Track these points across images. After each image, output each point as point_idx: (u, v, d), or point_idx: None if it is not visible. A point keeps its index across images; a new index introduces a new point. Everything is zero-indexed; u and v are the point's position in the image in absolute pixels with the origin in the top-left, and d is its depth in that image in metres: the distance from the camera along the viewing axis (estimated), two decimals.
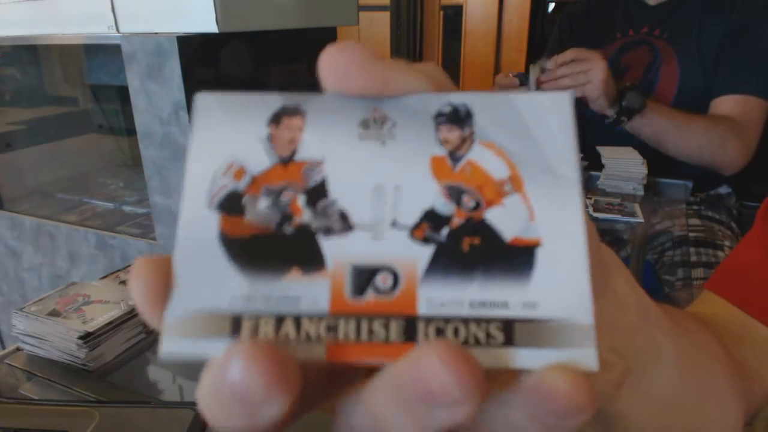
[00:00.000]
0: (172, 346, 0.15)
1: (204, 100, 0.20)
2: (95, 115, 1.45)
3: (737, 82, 1.15)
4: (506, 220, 0.16)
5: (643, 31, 1.27)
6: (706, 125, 1.13)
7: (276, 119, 0.19)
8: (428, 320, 0.15)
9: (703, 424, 0.29)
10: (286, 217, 0.16)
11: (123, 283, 0.72)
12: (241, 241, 0.16)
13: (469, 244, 0.16)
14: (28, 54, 1.42)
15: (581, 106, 1.36)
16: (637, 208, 1.06)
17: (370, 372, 0.15)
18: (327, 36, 1.22)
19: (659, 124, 1.14)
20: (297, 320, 0.15)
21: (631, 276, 0.23)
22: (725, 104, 1.16)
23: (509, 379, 0.15)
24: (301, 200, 0.16)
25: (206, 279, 0.16)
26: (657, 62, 1.24)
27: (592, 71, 1.09)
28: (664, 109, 1.13)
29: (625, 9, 1.31)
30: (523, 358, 0.14)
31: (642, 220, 1.01)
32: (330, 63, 0.20)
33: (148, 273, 0.16)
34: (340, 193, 0.16)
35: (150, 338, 0.68)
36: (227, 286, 0.15)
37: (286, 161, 0.17)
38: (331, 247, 0.16)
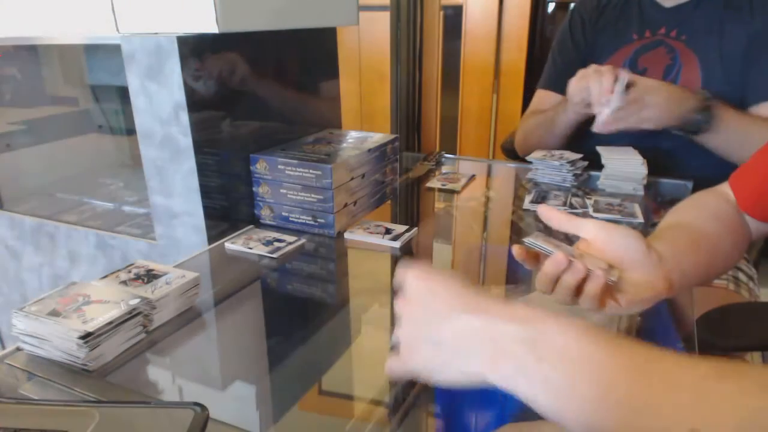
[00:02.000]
0: None
1: None
2: (95, 115, 1.45)
3: None
4: None
5: (661, 32, 1.26)
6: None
7: None
8: None
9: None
10: None
11: (123, 283, 0.72)
12: None
13: None
14: (28, 54, 1.42)
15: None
16: (637, 208, 1.05)
17: None
18: (327, 36, 1.22)
19: (725, 137, 1.12)
20: None
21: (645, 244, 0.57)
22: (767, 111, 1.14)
23: None
24: None
25: None
26: (677, 65, 1.22)
27: (647, 107, 1.07)
28: (731, 114, 1.11)
29: (640, 11, 1.30)
30: None
31: (642, 220, 1.01)
32: None
33: None
34: None
35: (150, 338, 0.68)
36: None
37: None
38: None
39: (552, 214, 0.60)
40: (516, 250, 0.59)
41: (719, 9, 1.20)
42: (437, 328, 0.42)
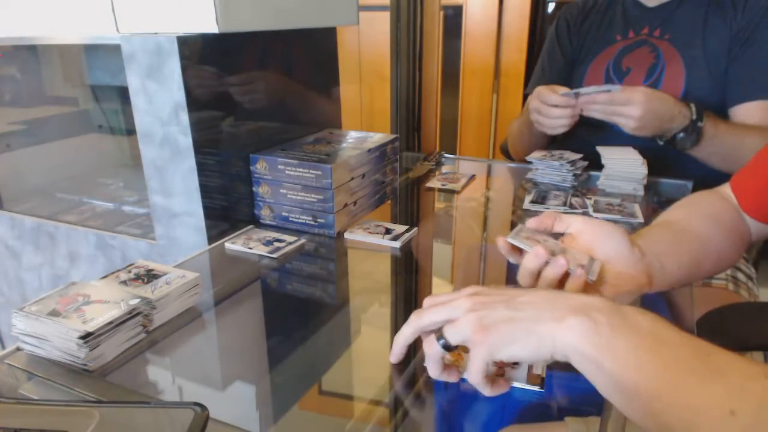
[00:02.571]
0: None
1: None
2: (95, 115, 1.45)
3: (757, 88, 1.13)
4: None
5: (644, 32, 1.26)
6: (756, 141, 1.09)
7: None
8: None
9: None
10: None
11: (123, 283, 0.72)
12: None
13: None
14: (28, 54, 1.41)
15: None
16: (637, 208, 1.05)
17: None
18: (327, 36, 1.22)
19: (710, 151, 1.12)
20: None
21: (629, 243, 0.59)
22: (750, 112, 1.14)
23: None
24: None
25: None
26: (660, 64, 1.23)
27: (623, 116, 1.08)
28: (719, 130, 1.10)
29: (624, 11, 1.30)
30: None
31: (642, 221, 1.01)
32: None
33: None
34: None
35: (150, 338, 0.68)
36: None
37: None
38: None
39: (539, 224, 0.62)
40: (500, 242, 0.61)
41: (703, 7, 1.20)
42: (512, 302, 0.45)
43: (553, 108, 1.14)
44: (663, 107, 1.07)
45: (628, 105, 1.06)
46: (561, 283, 0.56)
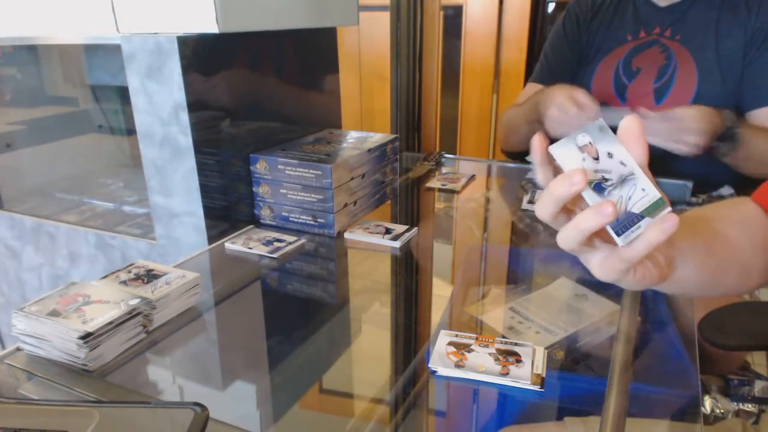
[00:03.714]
0: None
1: None
2: (95, 115, 1.45)
3: None
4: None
5: (655, 32, 1.25)
6: None
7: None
8: None
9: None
10: None
11: (123, 283, 0.72)
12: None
13: None
14: (28, 54, 1.42)
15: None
16: None
17: None
18: (327, 36, 1.22)
19: (744, 156, 1.10)
20: None
21: None
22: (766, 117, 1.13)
23: None
24: None
25: None
26: (672, 64, 1.22)
27: (687, 144, 1.04)
28: (751, 137, 1.08)
29: (635, 10, 1.29)
30: None
31: None
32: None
33: None
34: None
35: (150, 338, 0.68)
36: None
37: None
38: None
39: (627, 133, 0.43)
40: (536, 143, 0.46)
41: (715, 8, 1.19)
42: None
43: (576, 114, 1.05)
44: (714, 123, 1.05)
45: (694, 133, 1.02)
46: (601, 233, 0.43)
